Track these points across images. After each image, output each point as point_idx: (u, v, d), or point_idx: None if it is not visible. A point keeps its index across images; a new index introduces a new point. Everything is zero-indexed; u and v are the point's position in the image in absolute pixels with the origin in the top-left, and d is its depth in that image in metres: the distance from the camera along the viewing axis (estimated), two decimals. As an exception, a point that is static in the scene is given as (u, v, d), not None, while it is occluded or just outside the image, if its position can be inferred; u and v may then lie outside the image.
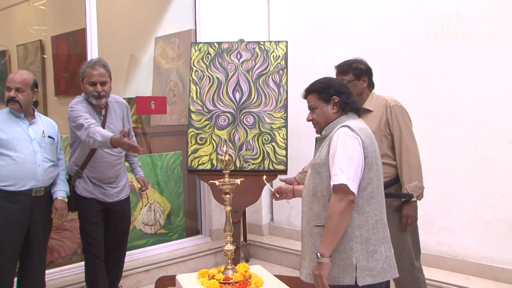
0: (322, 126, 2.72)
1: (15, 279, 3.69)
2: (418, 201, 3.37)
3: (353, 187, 2.43)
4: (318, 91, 2.70)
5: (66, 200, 3.77)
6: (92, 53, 4.73)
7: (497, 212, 4.30)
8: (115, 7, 6.38)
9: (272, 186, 3.25)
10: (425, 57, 4.64)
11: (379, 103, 3.40)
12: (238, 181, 3.19)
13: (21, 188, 3.50)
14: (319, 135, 2.74)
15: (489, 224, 4.34)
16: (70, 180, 3.90)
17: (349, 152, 2.47)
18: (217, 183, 3.20)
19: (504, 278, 4.23)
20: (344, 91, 2.70)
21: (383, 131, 3.33)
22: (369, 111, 3.38)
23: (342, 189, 2.42)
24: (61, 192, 3.74)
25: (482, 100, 4.34)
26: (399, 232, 3.30)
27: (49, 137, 3.70)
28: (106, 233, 4.07)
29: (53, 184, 3.75)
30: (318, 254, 2.45)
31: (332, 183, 2.45)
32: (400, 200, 3.32)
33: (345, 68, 3.42)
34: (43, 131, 3.67)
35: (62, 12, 6.67)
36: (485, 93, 4.33)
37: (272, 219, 6.00)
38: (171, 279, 4.74)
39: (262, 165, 4.63)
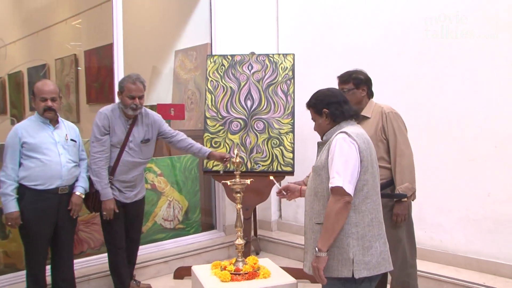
0: (320, 135, 2.74)
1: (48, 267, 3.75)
2: (412, 201, 3.35)
3: (349, 189, 2.41)
4: (312, 106, 2.73)
5: (83, 196, 3.79)
6: (118, 65, 4.77)
7: (484, 210, 4.26)
8: (139, 24, 6.41)
9: (280, 185, 3.20)
10: (420, 66, 4.60)
11: (376, 110, 3.39)
12: (247, 181, 3.19)
13: (49, 186, 3.56)
14: (321, 140, 2.72)
15: (476, 221, 4.31)
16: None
17: (345, 156, 2.46)
18: (229, 183, 3.19)
19: (488, 270, 4.21)
20: (334, 101, 2.67)
21: (379, 136, 3.31)
22: (367, 117, 3.37)
23: (338, 190, 2.41)
24: (79, 188, 3.76)
25: (471, 108, 4.30)
26: (394, 230, 3.26)
27: (72, 140, 3.74)
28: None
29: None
30: (316, 248, 2.45)
31: (330, 185, 2.44)
32: (394, 200, 3.28)
33: (345, 78, 3.44)
34: (66, 135, 3.71)
35: (93, 29, 6.73)
36: (474, 101, 4.29)
37: (280, 216, 5.96)
38: (188, 270, 4.75)
39: (271, 166, 4.60)
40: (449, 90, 4.43)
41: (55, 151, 3.60)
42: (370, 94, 3.47)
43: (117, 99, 4.15)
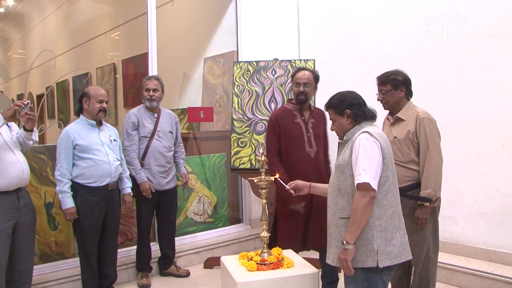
0: (340, 135, 2.68)
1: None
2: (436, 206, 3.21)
3: (374, 185, 2.39)
4: (333, 107, 2.67)
5: (132, 194, 3.99)
6: (153, 72, 4.79)
7: (492, 204, 4.20)
8: (172, 34, 6.46)
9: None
10: (431, 70, 4.52)
11: (411, 114, 3.21)
12: (272, 178, 3.14)
13: (101, 184, 3.70)
14: (341, 141, 2.67)
15: (485, 214, 4.25)
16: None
17: (369, 154, 2.43)
18: (255, 180, 3.15)
19: (496, 259, 4.16)
20: (355, 103, 2.63)
21: (411, 139, 3.16)
22: (401, 119, 3.24)
23: (365, 186, 2.38)
24: (128, 188, 3.98)
25: (480, 108, 4.24)
26: (417, 230, 3.17)
27: (114, 140, 3.86)
28: (158, 215, 4.40)
29: (119, 180, 3.94)
30: (344, 241, 2.42)
31: (356, 182, 2.41)
32: (417, 203, 3.15)
33: (384, 79, 3.28)
34: (109, 136, 3.82)
35: (130, 40, 6.83)
36: (483, 101, 4.22)
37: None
38: (217, 260, 4.74)
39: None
40: (459, 92, 4.36)
41: (104, 151, 3.72)
42: (409, 94, 3.29)
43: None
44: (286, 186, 3.00)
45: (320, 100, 4.47)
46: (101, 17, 7.37)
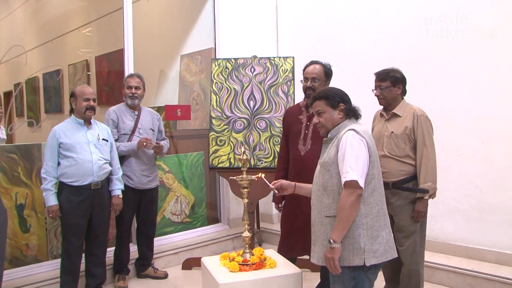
0: (328, 128, 2.65)
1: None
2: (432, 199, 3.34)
3: (362, 183, 2.39)
4: (327, 98, 2.63)
5: (121, 196, 3.97)
6: (129, 69, 4.71)
7: (471, 201, 4.28)
8: (148, 30, 6.35)
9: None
10: (412, 67, 4.50)
11: (407, 110, 3.33)
12: (254, 177, 3.10)
13: (83, 183, 3.68)
14: (326, 138, 2.65)
15: (464, 211, 4.33)
16: None
17: (356, 152, 2.43)
18: (237, 179, 3.11)
19: (475, 256, 4.24)
20: (347, 100, 2.66)
21: (408, 135, 3.27)
22: (397, 115, 3.34)
23: (352, 184, 2.37)
24: (117, 190, 3.94)
25: (459, 107, 4.31)
26: (411, 221, 3.28)
27: (104, 139, 3.84)
28: (138, 215, 4.35)
29: (110, 180, 3.92)
30: (331, 240, 2.40)
31: (343, 180, 2.40)
32: (416, 195, 3.26)
33: (383, 75, 3.36)
34: (98, 135, 3.81)
35: (104, 36, 6.70)
36: (462, 100, 4.29)
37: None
38: (196, 261, 4.72)
39: (273, 163, 4.53)
40: (438, 90, 4.41)
41: (88, 150, 3.71)
42: (404, 93, 3.41)
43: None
44: (270, 185, 2.95)
45: (299, 97, 4.49)
46: (72, 12, 7.21)
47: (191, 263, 4.69)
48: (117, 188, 3.93)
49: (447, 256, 4.28)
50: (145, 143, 4.07)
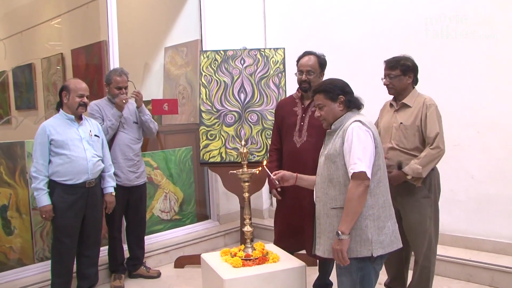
0: (330, 121, 2.73)
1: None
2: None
3: (369, 174, 2.48)
4: (326, 91, 2.71)
5: (114, 194, 3.98)
6: (114, 62, 4.74)
7: (468, 192, 4.42)
8: (129, 22, 6.32)
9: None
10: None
11: (418, 100, 3.30)
12: (255, 170, 3.16)
13: (77, 181, 3.66)
14: (330, 129, 2.74)
15: (461, 202, 4.45)
16: None
17: (363, 143, 2.51)
18: (237, 173, 3.18)
19: (472, 246, 4.38)
20: (348, 91, 2.73)
21: (418, 126, 3.25)
22: (407, 106, 3.32)
23: (361, 175, 2.46)
24: (110, 188, 3.95)
25: (455, 96, 4.41)
26: (423, 218, 3.27)
27: (95, 135, 3.84)
28: (127, 214, 4.38)
29: (102, 178, 3.92)
30: (339, 232, 2.48)
31: (351, 171, 2.48)
32: (427, 192, 3.28)
33: (393, 64, 3.32)
34: (90, 131, 3.80)
35: (80, 28, 6.61)
36: (459, 91, 4.41)
37: (271, 204, 6.00)
38: (188, 259, 4.78)
39: (266, 156, 4.59)
40: (435, 82, 4.50)
41: (81, 147, 3.70)
42: (415, 82, 3.38)
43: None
44: (271, 176, 3.02)
45: (291, 88, 4.56)
46: (44, 2, 7.10)
47: (183, 261, 4.75)
48: (110, 185, 3.94)
49: (444, 247, 4.39)
50: (124, 100, 4.16)
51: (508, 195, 4.19)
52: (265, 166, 3.11)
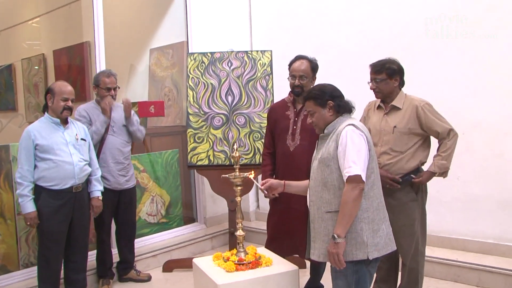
0: (321, 127, 2.75)
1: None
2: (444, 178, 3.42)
3: (364, 177, 2.50)
4: (315, 98, 2.73)
5: (101, 198, 3.91)
6: (100, 63, 4.68)
7: (453, 192, 4.47)
8: (113, 22, 6.25)
9: (258, 181, 3.17)
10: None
11: (407, 102, 3.31)
12: (247, 174, 3.16)
13: (64, 186, 3.59)
14: (323, 134, 2.75)
15: (447, 203, 4.52)
16: None
17: (357, 146, 2.53)
18: (229, 177, 3.17)
19: (458, 246, 4.45)
20: (337, 95, 2.74)
21: (411, 129, 3.26)
22: (397, 108, 3.32)
23: (356, 178, 2.47)
24: (97, 192, 3.88)
25: (440, 96, 4.41)
26: (411, 221, 3.30)
27: (82, 139, 3.77)
28: (117, 217, 4.34)
29: (89, 182, 3.85)
30: (335, 235, 2.49)
31: (346, 174, 2.49)
32: (415, 193, 3.33)
33: (378, 68, 3.31)
34: (76, 134, 3.73)
35: (61, 29, 6.52)
36: (443, 91, 4.45)
37: (258, 206, 6.01)
38: (176, 262, 4.77)
39: (254, 159, 4.61)
40: (420, 80, 4.52)
41: (67, 152, 3.63)
42: (402, 84, 3.38)
43: (92, 95, 4.41)
44: (259, 186, 3.04)
45: (278, 91, 4.58)
46: (24, 2, 6.98)
47: (172, 265, 4.72)
48: (97, 189, 3.88)
49: (430, 248, 4.42)
50: (108, 103, 4.13)
51: (492, 195, 4.27)
52: (252, 178, 3.12)
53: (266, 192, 3.03)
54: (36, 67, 6.64)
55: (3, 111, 7.01)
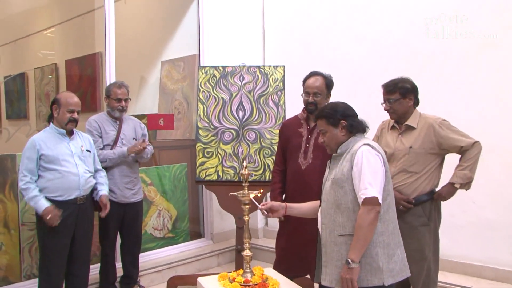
0: (333, 147, 2.64)
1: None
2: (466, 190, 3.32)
3: (380, 199, 2.39)
4: (326, 117, 2.62)
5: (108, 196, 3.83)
6: (111, 74, 4.65)
7: (468, 217, 4.34)
8: (124, 34, 6.23)
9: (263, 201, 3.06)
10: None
11: (422, 121, 3.20)
12: (256, 192, 3.04)
13: (68, 198, 3.52)
14: (336, 154, 2.63)
15: (462, 227, 4.38)
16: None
17: (373, 167, 2.42)
18: (238, 195, 3.06)
19: (472, 272, 4.30)
20: (349, 114, 2.62)
21: (428, 149, 3.16)
22: (412, 127, 3.21)
23: (372, 201, 2.36)
24: (103, 190, 3.78)
25: (458, 115, 4.30)
26: (422, 246, 3.18)
27: (87, 150, 3.71)
28: (123, 231, 4.26)
29: (94, 189, 3.78)
30: (349, 260, 2.37)
31: (362, 196, 2.38)
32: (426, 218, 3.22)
33: (391, 87, 3.22)
34: (81, 146, 3.67)
35: (74, 40, 6.53)
36: (461, 106, 4.36)
37: (266, 223, 5.89)
38: (181, 279, 4.65)
39: (263, 176, 4.51)
40: (439, 96, 4.45)
41: (73, 163, 3.57)
42: (417, 103, 3.27)
43: (103, 106, 4.37)
44: (259, 206, 2.91)
45: (290, 107, 4.49)
46: (41, 11, 7.01)
47: (176, 282, 4.60)
48: (103, 188, 3.79)
49: (443, 273, 4.28)
50: (139, 146, 4.07)
51: (508, 220, 4.13)
52: (252, 198, 2.98)
53: (266, 213, 2.92)
54: (50, 76, 6.62)
55: (15, 119, 7.00)
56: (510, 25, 4.13)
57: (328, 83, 3.56)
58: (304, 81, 3.61)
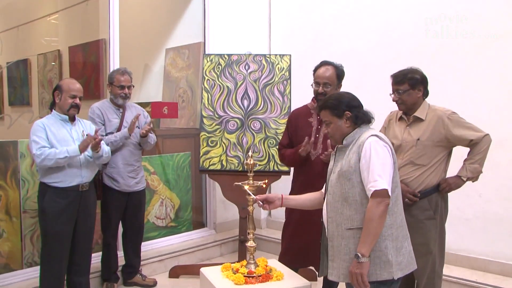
0: (337, 139, 2.56)
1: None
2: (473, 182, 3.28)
3: (390, 191, 2.32)
4: (331, 108, 2.54)
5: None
6: (114, 61, 4.57)
7: (475, 210, 4.28)
8: (131, 21, 6.16)
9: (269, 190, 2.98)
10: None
11: (431, 113, 3.12)
12: (261, 183, 2.99)
13: (69, 184, 3.50)
14: (341, 145, 2.56)
15: (468, 220, 4.32)
16: (99, 172, 3.95)
17: (382, 159, 2.35)
18: (242, 185, 2.99)
19: (478, 266, 4.24)
20: (355, 105, 2.54)
21: (436, 142, 3.08)
22: (420, 119, 3.14)
23: (382, 193, 2.29)
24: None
25: (464, 109, 4.25)
26: (427, 240, 3.11)
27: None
28: (125, 220, 4.22)
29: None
30: (359, 254, 2.31)
31: (372, 189, 2.31)
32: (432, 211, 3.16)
33: (400, 78, 3.13)
34: (83, 131, 3.64)
35: (78, 26, 6.46)
36: (467, 102, 4.25)
37: (269, 214, 5.84)
38: (183, 268, 4.63)
39: (268, 166, 4.46)
40: (444, 92, 4.36)
41: None
42: (426, 94, 3.19)
43: (106, 93, 4.32)
44: (255, 197, 2.83)
45: (296, 96, 4.43)
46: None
47: (179, 271, 4.59)
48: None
49: (448, 267, 4.22)
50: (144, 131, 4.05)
51: (516, 214, 4.07)
52: (247, 189, 2.91)
53: (261, 203, 2.82)
54: (53, 63, 6.56)
55: (18, 106, 6.95)
56: (510, 25, 4.07)
57: (339, 73, 3.48)
58: (315, 70, 3.52)
